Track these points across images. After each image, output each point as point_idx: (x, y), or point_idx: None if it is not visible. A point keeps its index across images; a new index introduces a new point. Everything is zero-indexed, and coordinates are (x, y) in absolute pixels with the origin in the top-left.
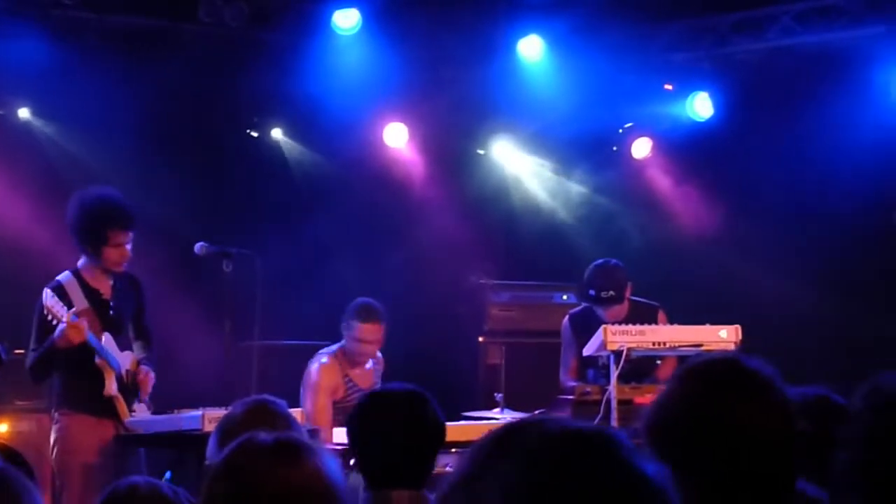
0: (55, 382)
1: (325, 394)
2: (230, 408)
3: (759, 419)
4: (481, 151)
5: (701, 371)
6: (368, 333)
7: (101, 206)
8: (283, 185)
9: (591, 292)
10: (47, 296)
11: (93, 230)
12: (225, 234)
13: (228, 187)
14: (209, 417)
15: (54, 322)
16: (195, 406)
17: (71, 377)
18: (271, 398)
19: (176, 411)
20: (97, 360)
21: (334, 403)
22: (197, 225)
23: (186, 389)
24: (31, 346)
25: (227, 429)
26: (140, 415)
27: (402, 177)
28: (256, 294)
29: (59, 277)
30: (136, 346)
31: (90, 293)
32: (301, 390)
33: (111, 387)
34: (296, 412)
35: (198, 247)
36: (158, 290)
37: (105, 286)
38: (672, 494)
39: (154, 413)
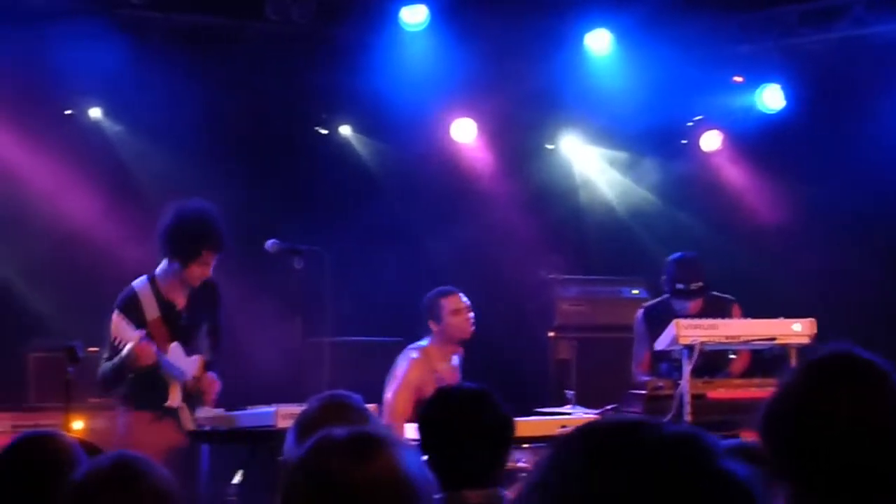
0: (125, 384)
1: (409, 389)
2: (306, 404)
3: (874, 413)
4: (549, 146)
5: (816, 364)
6: (458, 302)
7: (200, 223)
8: (352, 181)
9: (680, 286)
10: (115, 318)
11: (188, 244)
12: (294, 232)
13: (297, 184)
14: (282, 414)
15: (121, 345)
16: (267, 402)
17: (136, 381)
18: (347, 393)
19: (248, 408)
20: (162, 373)
21: (420, 401)
22: (266, 222)
23: (258, 386)
24: (104, 354)
25: (304, 424)
26: (211, 410)
27: (470, 172)
28: (326, 290)
29: (134, 284)
30: (204, 344)
31: (164, 304)
32: (386, 385)
33: (175, 398)
34: (369, 408)
35: (269, 244)
36: (229, 287)
37: (180, 297)
38: (760, 499)
39: (226, 410)
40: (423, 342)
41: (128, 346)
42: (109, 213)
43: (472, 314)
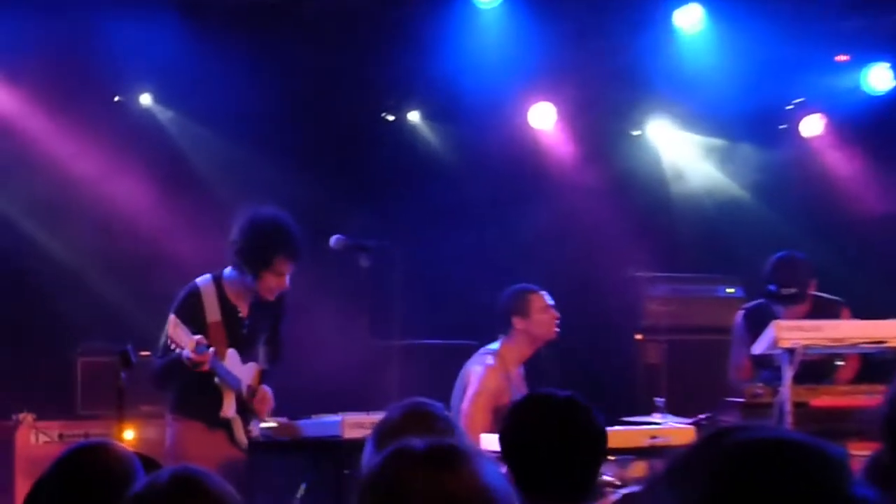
0: (174, 388)
1: (486, 398)
2: (385, 411)
3: None
4: (635, 132)
5: None
6: (545, 300)
7: (275, 230)
8: (420, 171)
9: (772, 287)
10: (172, 321)
11: (260, 252)
12: (360, 226)
13: (362, 175)
14: (349, 423)
15: (176, 350)
16: (332, 411)
17: (188, 388)
18: (429, 401)
19: (312, 417)
20: (217, 381)
21: (497, 409)
22: (330, 217)
23: (322, 392)
24: (159, 352)
25: (384, 434)
26: (271, 420)
27: (550, 161)
28: (395, 289)
29: (198, 281)
30: (262, 352)
31: (226, 308)
32: (455, 392)
33: (229, 408)
34: None
35: (333, 240)
36: (291, 286)
37: (244, 304)
38: None
39: (288, 419)
40: (495, 345)
41: (184, 353)
42: (161, 205)
43: (558, 316)
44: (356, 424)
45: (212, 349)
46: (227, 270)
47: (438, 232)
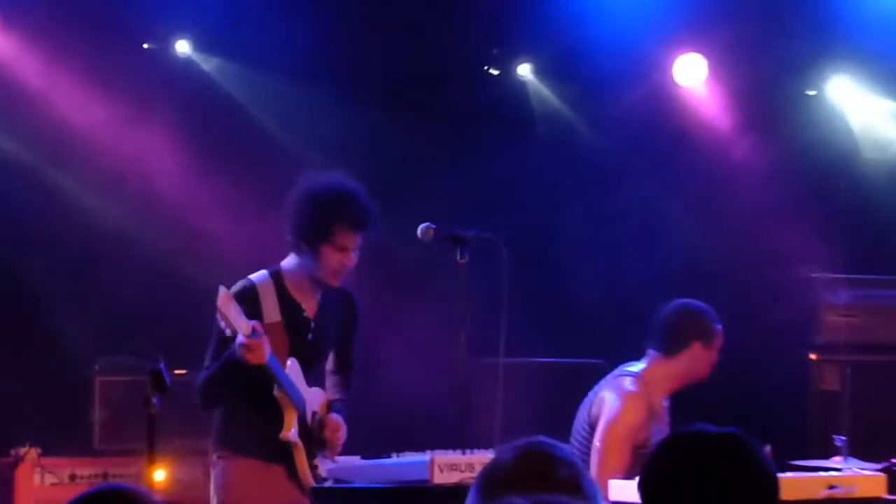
0: (220, 415)
1: (624, 433)
2: (495, 453)
3: None
4: (811, 92)
5: None
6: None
7: (334, 194)
8: (531, 140)
9: None
10: (223, 299)
11: (317, 220)
12: (457, 213)
13: (459, 146)
14: (440, 464)
15: (229, 333)
16: (419, 448)
17: (239, 409)
18: (550, 441)
19: (394, 455)
20: (276, 392)
21: (636, 449)
22: (417, 199)
23: (406, 425)
24: (206, 362)
25: (491, 483)
26: (342, 460)
27: (698, 127)
28: (502, 293)
29: (252, 277)
30: (330, 381)
31: (288, 306)
32: (577, 425)
33: (290, 428)
34: None
35: (421, 229)
36: (365, 289)
37: (311, 301)
38: None
39: (362, 458)
40: (637, 366)
41: (238, 340)
42: (199, 179)
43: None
44: (450, 466)
45: (266, 341)
46: (287, 261)
47: (553, 218)
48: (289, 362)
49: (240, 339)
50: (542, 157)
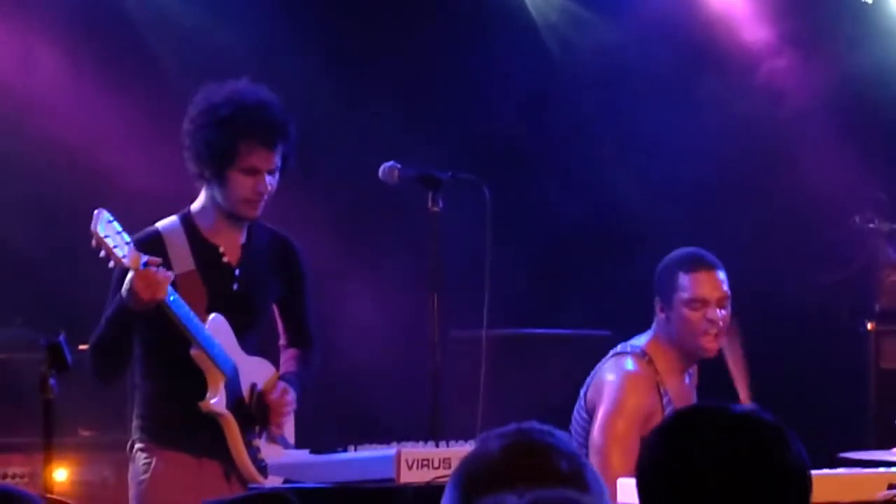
0: (137, 396)
1: (629, 421)
2: (478, 443)
3: None
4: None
5: None
6: (707, 285)
7: (234, 105)
8: (521, 68)
9: None
10: (99, 219)
11: (217, 140)
12: (429, 151)
13: (428, 72)
14: (408, 459)
15: (111, 263)
16: (384, 440)
17: (155, 387)
18: (543, 428)
19: (353, 448)
20: (193, 352)
21: (644, 440)
22: (380, 133)
23: (367, 412)
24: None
25: (473, 479)
26: (287, 454)
27: (732, 45)
28: (486, 249)
29: (158, 224)
30: (283, 355)
31: (203, 251)
32: (576, 413)
33: (213, 396)
34: None
35: (384, 169)
36: (320, 247)
37: (232, 245)
38: None
39: (312, 452)
40: (641, 339)
41: (127, 278)
42: (108, 110)
43: (721, 321)
44: (420, 461)
45: (168, 273)
46: (197, 201)
47: (552, 162)
48: (209, 319)
49: (127, 281)
50: (536, 85)
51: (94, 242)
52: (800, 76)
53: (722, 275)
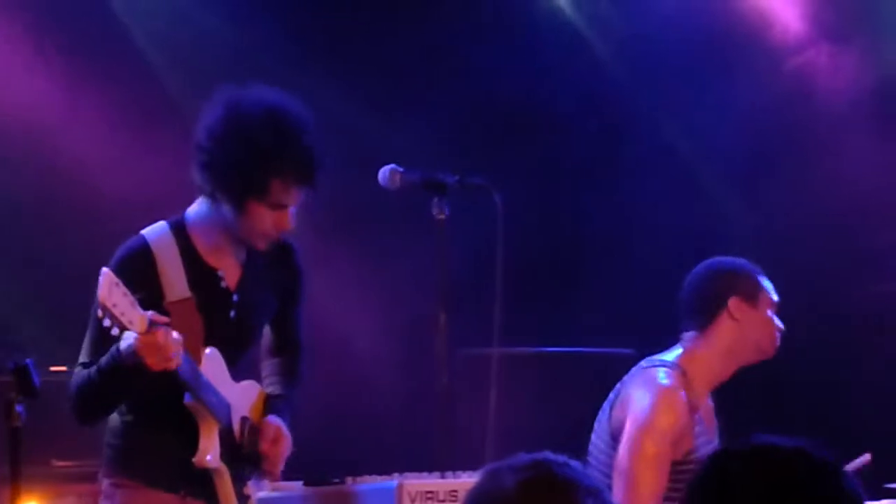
0: (113, 423)
1: (660, 443)
2: (485, 476)
3: None
4: None
5: None
6: (772, 292)
7: (272, 132)
8: (536, 56)
9: None
10: (106, 283)
11: (246, 170)
12: (436, 153)
13: (434, 68)
14: (411, 491)
15: (115, 331)
16: (382, 469)
17: (140, 420)
18: (560, 460)
19: (350, 479)
20: (188, 402)
21: (674, 464)
22: (379, 135)
23: (364, 439)
24: (81, 357)
25: None
26: (280, 487)
27: (767, 36)
28: (497, 259)
29: (145, 233)
30: (269, 367)
31: (200, 274)
32: (597, 434)
33: (208, 451)
34: None
35: (384, 174)
36: (316, 254)
37: (231, 265)
38: None
39: (306, 483)
40: (672, 355)
41: (126, 337)
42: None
43: (782, 327)
44: (424, 494)
45: (178, 336)
46: (195, 208)
47: (566, 160)
48: (205, 355)
49: (131, 340)
50: (547, 76)
51: (100, 313)
52: (840, 67)
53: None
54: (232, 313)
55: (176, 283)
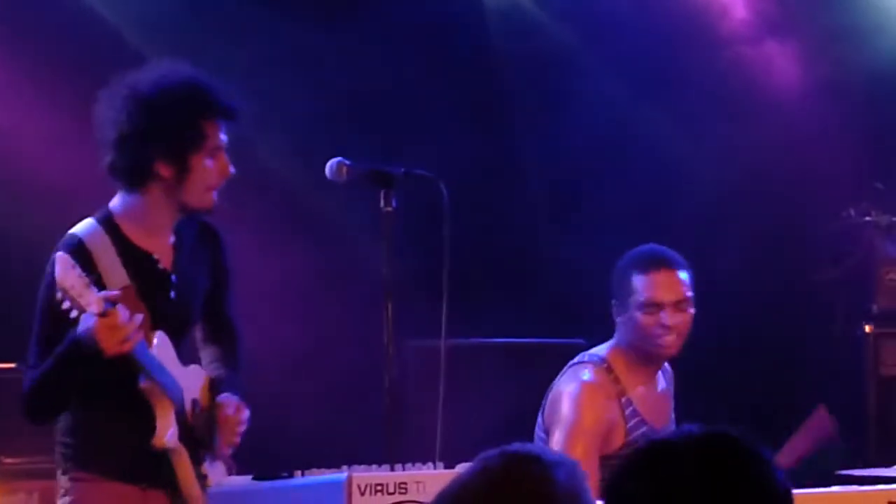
0: (65, 421)
1: (588, 441)
2: (457, 471)
3: None
4: None
5: None
6: (662, 286)
7: (180, 80)
8: (486, 49)
9: None
10: (63, 265)
11: (177, 121)
12: (380, 144)
13: (378, 60)
14: (360, 484)
15: (74, 313)
16: (332, 463)
17: (93, 412)
18: (531, 450)
19: (299, 473)
20: (143, 384)
21: (605, 458)
22: (327, 130)
23: (312, 433)
24: (31, 359)
25: None
26: (227, 481)
27: (718, 28)
28: (444, 250)
29: (75, 230)
30: (206, 354)
31: (135, 259)
32: (536, 431)
33: (166, 430)
34: None
35: (331, 166)
36: (257, 250)
37: (163, 246)
38: None
39: (256, 478)
40: (601, 348)
41: (84, 320)
42: (46, 120)
43: (682, 327)
44: (374, 486)
45: (139, 317)
46: (115, 201)
47: (517, 150)
48: (155, 338)
49: (88, 322)
50: (497, 70)
51: (59, 295)
52: (790, 62)
53: (682, 275)
54: (172, 294)
55: (114, 273)
